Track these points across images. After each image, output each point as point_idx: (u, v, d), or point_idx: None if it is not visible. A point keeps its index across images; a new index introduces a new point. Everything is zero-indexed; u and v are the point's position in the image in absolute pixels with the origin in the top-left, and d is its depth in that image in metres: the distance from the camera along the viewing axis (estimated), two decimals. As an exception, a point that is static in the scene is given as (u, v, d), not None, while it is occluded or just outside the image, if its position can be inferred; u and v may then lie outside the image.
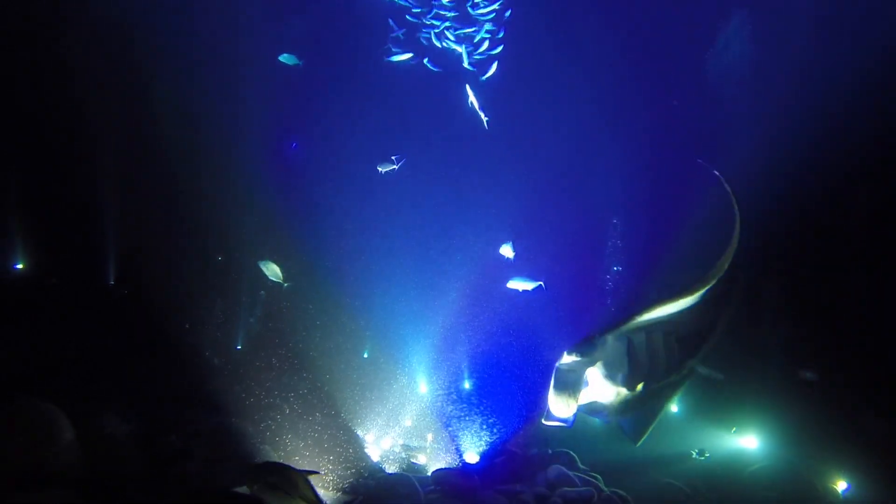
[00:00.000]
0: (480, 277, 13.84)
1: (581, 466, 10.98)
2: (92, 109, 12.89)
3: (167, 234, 13.48)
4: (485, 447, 11.03)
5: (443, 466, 10.30)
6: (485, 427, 11.49)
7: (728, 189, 9.38)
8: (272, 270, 11.59)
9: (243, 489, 7.85)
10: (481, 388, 13.00)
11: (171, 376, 10.77)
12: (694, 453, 11.53)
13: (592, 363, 7.34)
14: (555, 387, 7.21)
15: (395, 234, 14.44)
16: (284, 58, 12.58)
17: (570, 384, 7.21)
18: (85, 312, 11.70)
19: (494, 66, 13.29)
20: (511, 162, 14.71)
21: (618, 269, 14.85)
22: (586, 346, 7.26)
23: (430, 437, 12.00)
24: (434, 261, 14.32)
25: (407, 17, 13.74)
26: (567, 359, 7.32)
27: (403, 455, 11.21)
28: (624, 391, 7.46)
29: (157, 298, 12.57)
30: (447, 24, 13.51)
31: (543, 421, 7.77)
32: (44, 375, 8.96)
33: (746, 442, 12.55)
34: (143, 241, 13.29)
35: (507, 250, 12.19)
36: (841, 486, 11.09)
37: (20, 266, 12.81)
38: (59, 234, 13.18)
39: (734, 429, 11.72)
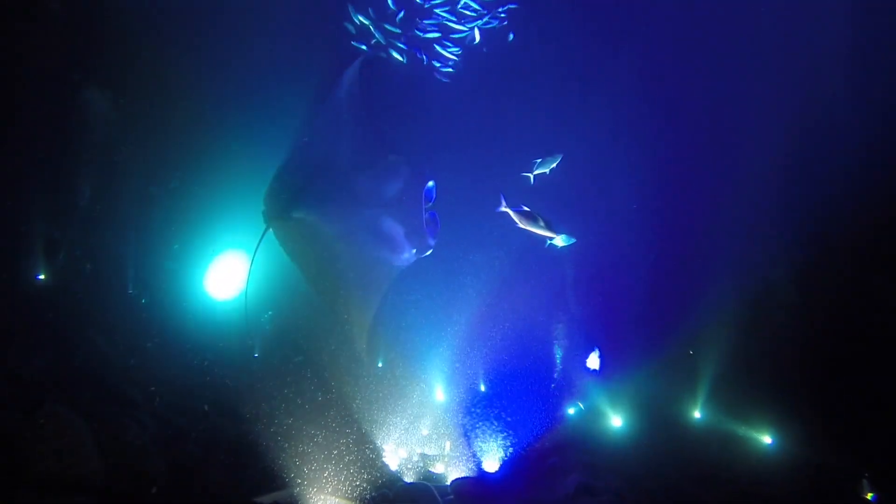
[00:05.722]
0: (499, 286, 13.85)
1: (602, 476, 10.83)
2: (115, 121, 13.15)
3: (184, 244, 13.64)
4: (503, 456, 10.94)
5: (461, 475, 10.22)
6: (503, 436, 11.41)
7: None
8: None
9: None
10: (499, 396, 12.91)
11: (191, 384, 10.83)
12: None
13: None
14: None
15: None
16: None
17: None
18: (105, 321, 11.82)
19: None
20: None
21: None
22: None
23: (447, 445, 11.93)
24: (451, 271, 14.26)
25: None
26: None
27: (421, 464, 11.15)
28: None
29: (175, 307, 12.71)
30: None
31: None
32: (66, 383, 9.03)
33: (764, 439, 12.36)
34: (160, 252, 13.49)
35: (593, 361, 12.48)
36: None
37: (42, 277, 12.99)
38: (79, 246, 13.38)
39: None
